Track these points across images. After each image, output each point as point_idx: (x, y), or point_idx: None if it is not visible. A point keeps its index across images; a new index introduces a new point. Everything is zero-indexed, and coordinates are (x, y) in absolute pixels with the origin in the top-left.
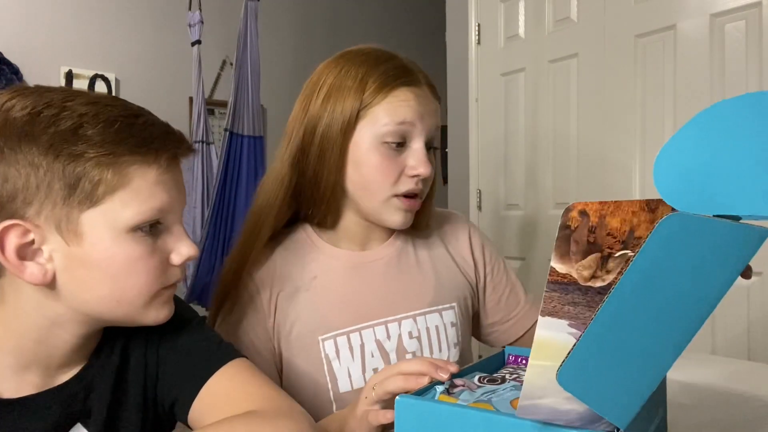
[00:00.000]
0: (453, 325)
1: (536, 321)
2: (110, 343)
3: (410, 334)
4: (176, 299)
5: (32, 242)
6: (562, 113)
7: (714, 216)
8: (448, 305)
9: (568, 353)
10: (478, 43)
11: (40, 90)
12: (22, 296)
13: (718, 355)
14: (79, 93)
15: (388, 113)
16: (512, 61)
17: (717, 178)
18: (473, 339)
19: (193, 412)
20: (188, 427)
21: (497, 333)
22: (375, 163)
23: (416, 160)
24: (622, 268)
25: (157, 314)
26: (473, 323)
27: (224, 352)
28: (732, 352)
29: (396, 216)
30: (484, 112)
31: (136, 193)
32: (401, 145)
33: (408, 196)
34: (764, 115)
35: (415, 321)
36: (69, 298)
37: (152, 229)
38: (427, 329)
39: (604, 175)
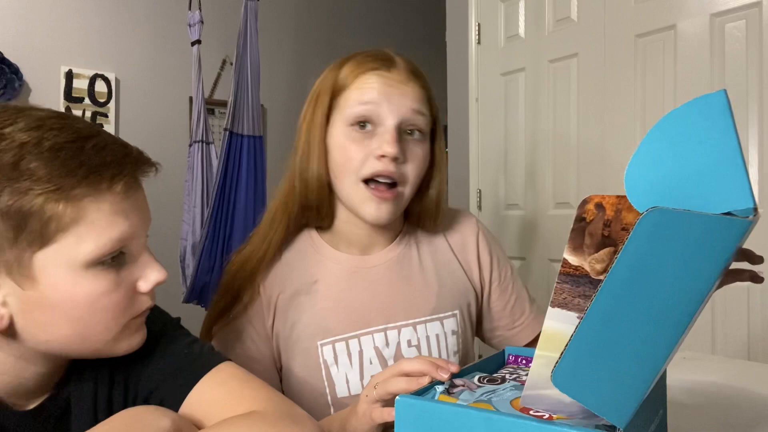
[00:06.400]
0: (454, 333)
1: (540, 332)
2: (79, 367)
3: (409, 342)
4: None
5: None
6: (562, 113)
7: None
8: (449, 313)
9: (561, 353)
10: (478, 43)
11: None
12: None
13: (718, 355)
14: (22, 114)
15: (354, 96)
16: (512, 61)
17: (688, 181)
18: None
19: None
20: None
21: (500, 338)
22: (341, 146)
23: (380, 140)
24: (610, 265)
25: (129, 344)
26: (477, 325)
27: (209, 355)
28: (732, 352)
29: (367, 207)
30: (484, 112)
31: (92, 226)
32: (366, 127)
33: (377, 182)
34: (724, 115)
35: (414, 329)
36: (30, 340)
37: (114, 260)
38: (427, 338)
39: (604, 175)
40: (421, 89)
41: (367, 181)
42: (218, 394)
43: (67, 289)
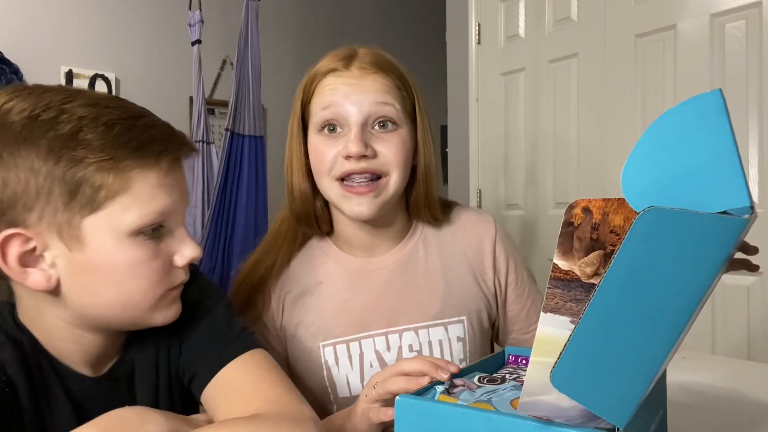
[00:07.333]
0: (460, 339)
1: None
2: (139, 333)
3: (410, 347)
4: (205, 282)
5: (34, 249)
6: (562, 113)
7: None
8: (456, 318)
9: (560, 354)
10: (478, 43)
11: (39, 90)
12: (35, 299)
13: (718, 355)
14: (79, 93)
15: (316, 102)
16: (512, 61)
17: (684, 180)
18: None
19: (206, 393)
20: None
21: (514, 341)
22: (315, 150)
23: (346, 140)
24: (606, 266)
25: (165, 315)
26: (494, 330)
27: (246, 339)
28: (732, 352)
29: (345, 204)
30: (484, 112)
31: (137, 197)
32: (336, 130)
33: (351, 181)
34: (719, 114)
35: (416, 334)
36: (75, 303)
37: (154, 232)
38: (429, 343)
39: (604, 175)
40: (384, 79)
41: (343, 179)
42: (241, 381)
43: (111, 253)
